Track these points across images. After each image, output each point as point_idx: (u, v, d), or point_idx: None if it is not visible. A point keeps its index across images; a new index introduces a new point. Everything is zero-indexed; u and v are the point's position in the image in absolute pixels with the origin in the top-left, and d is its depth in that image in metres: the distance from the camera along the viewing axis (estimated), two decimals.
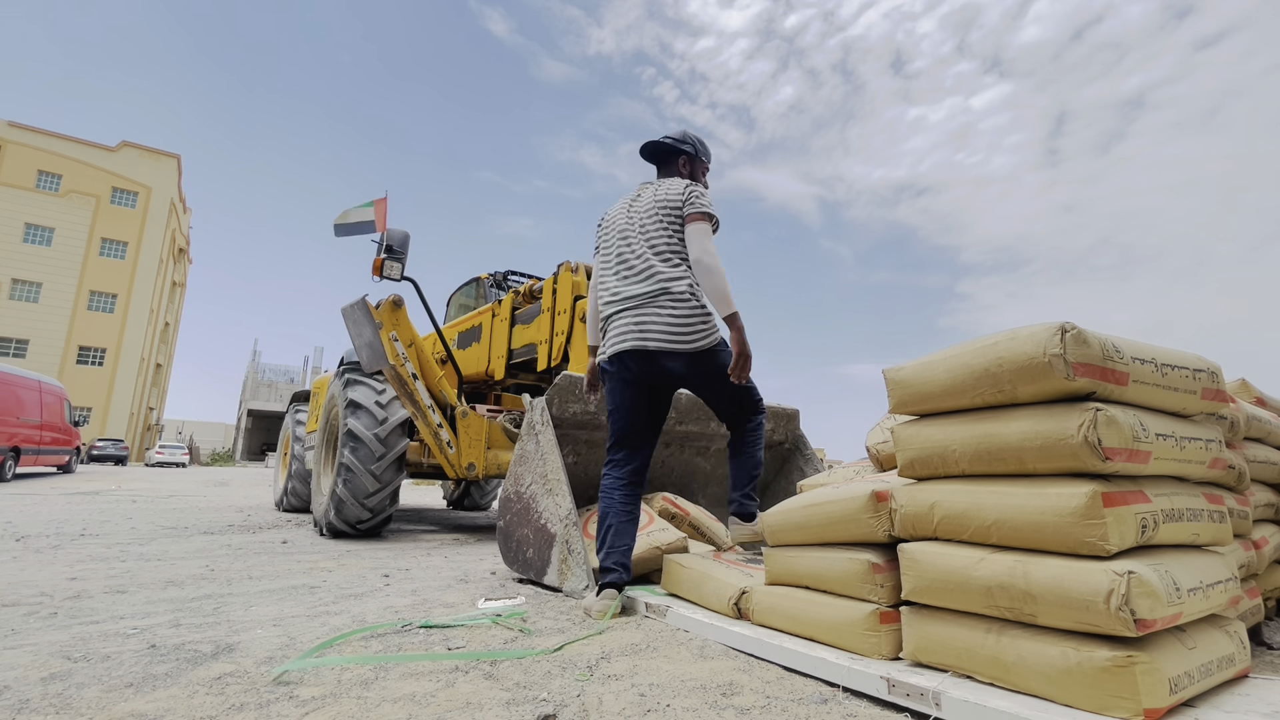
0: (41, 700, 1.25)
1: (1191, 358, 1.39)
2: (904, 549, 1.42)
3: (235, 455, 40.40)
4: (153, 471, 20.49)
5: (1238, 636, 1.29)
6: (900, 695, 1.26)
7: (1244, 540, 1.67)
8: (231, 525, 4.95)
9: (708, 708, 1.27)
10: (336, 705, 1.25)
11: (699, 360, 2.18)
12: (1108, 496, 1.14)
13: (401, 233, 4.31)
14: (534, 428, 2.66)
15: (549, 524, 2.46)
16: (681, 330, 2.16)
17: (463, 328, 5.68)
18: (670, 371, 2.21)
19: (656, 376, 2.24)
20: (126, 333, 35.15)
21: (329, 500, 4.11)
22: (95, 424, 32.84)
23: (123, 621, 1.89)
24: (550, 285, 4.58)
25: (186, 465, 28.58)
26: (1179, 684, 1.10)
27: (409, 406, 4.13)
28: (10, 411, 10.51)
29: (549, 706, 1.25)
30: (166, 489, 10.02)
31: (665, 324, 2.17)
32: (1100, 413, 1.16)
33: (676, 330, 2.16)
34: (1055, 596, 1.14)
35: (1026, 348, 1.24)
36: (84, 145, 36.07)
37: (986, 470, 1.34)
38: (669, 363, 2.18)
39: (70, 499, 7.15)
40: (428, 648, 1.65)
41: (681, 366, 2.19)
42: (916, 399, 1.49)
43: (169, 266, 40.77)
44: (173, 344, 47.17)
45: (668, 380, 2.26)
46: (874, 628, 1.46)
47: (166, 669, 1.45)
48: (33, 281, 32.99)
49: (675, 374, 2.22)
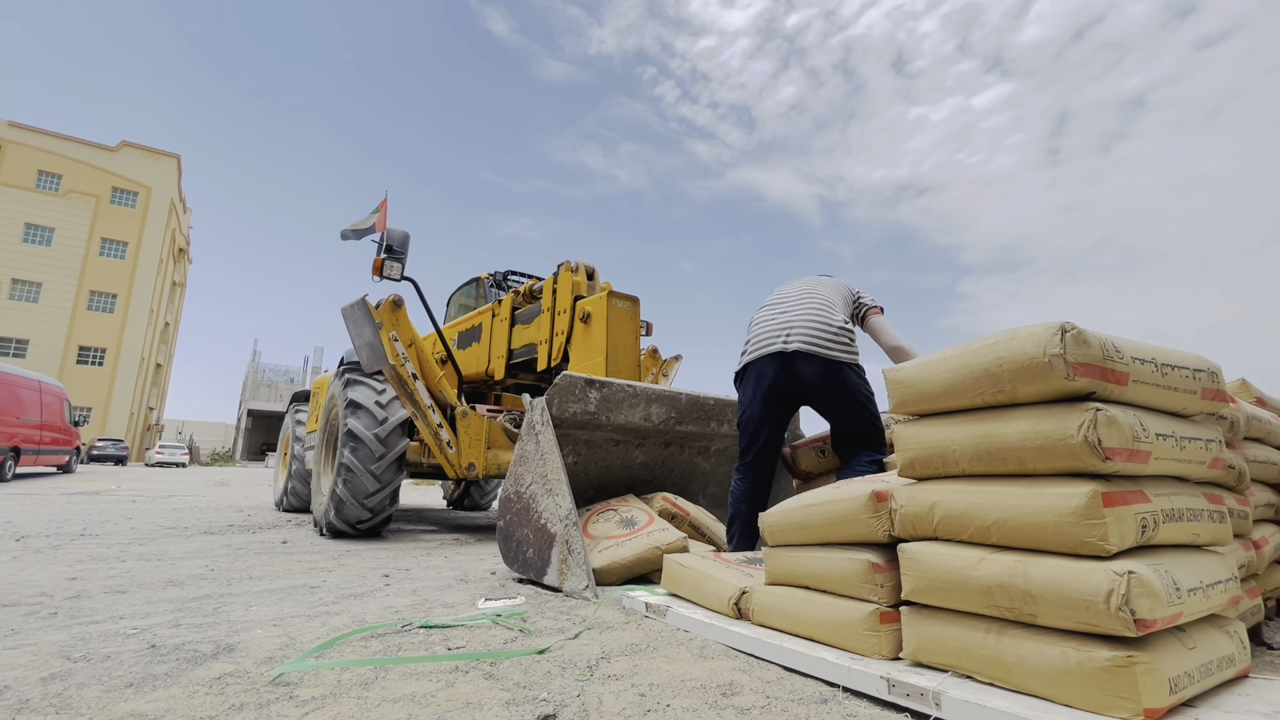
0: (41, 700, 1.25)
1: (1191, 358, 1.39)
2: (904, 549, 1.42)
3: (235, 455, 40.39)
4: (153, 471, 20.49)
5: (1238, 636, 1.29)
6: (900, 695, 1.26)
7: (1244, 540, 1.67)
8: (231, 525, 4.95)
9: (708, 708, 1.27)
10: (336, 705, 1.25)
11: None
12: (1108, 496, 1.14)
13: (401, 233, 4.31)
14: (534, 428, 2.66)
15: (549, 524, 2.46)
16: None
17: (463, 328, 5.68)
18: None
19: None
20: (126, 333, 35.14)
21: (329, 500, 4.11)
22: (95, 424, 32.82)
23: (123, 621, 1.89)
24: (550, 285, 4.58)
25: (186, 465, 28.57)
26: (1179, 684, 1.10)
27: (409, 406, 4.13)
28: (10, 411, 10.51)
29: (549, 706, 1.25)
30: (166, 489, 10.02)
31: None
32: (1100, 413, 1.16)
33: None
34: (1055, 596, 1.14)
35: (1026, 348, 1.24)
36: (84, 145, 36.06)
37: (986, 470, 1.34)
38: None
39: (70, 499, 7.15)
40: (428, 648, 1.65)
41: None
42: (916, 399, 1.49)
43: (169, 266, 40.77)
44: (173, 344, 47.17)
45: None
46: (874, 628, 1.46)
47: (166, 669, 1.45)
48: (33, 281, 32.97)
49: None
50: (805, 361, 2.34)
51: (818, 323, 2.40)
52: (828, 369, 2.32)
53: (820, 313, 2.43)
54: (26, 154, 34.03)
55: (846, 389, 2.32)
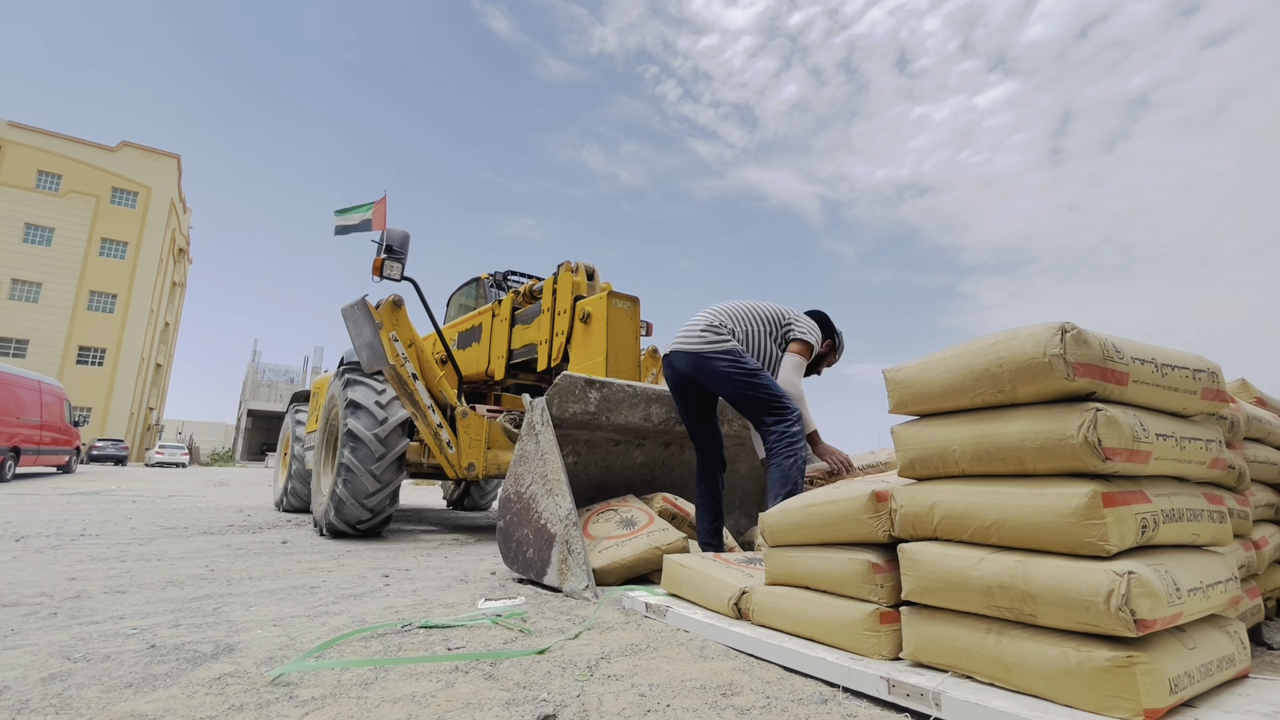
0: (41, 700, 1.25)
1: (1191, 358, 1.39)
2: (904, 549, 1.42)
3: (235, 455, 40.39)
4: (152, 472, 20.48)
5: (1238, 637, 1.29)
6: (900, 695, 1.26)
7: (1244, 540, 1.67)
8: (231, 525, 4.95)
9: (708, 708, 1.27)
10: (336, 705, 1.25)
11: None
12: (1108, 496, 1.14)
13: (401, 233, 4.31)
14: (534, 428, 2.66)
15: (549, 524, 2.46)
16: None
17: (463, 328, 5.68)
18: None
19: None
20: (126, 333, 35.14)
21: (329, 500, 4.11)
22: (95, 424, 32.82)
23: (123, 622, 1.89)
24: (550, 285, 4.58)
25: (186, 465, 28.58)
26: (1179, 684, 1.10)
27: (409, 407, 4.13)
28: (10, 411, 10.51)
29: (549, 707, 1.25)
30: (166, 489, 10.02)
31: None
32: (1100, 413, 1.16)
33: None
34: (1055, 597, 1.14)
35: (1026, 348, 1.24)
36: (84, 145, 36.06)
37: (986, 470, 1.34)
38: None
39: (70, 499, 7.15)
40: (428, 648, 1.65)
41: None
42: (916, 399, 1.49)
43: (169, 266, 40.76)
44: (173, 344, 47.16)
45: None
46: (874, 628, 1.46)
47: (166, 669, 1.45)
48: (33, 281, 32.98)
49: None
50: (679, 359, 2.66)
51: (689, 326, 2.73)
52: (695, 361, 2.61)
53: (698, 319, 2.73)
54: (26, 154, 34.04)
55: (718, 373, 2.55)
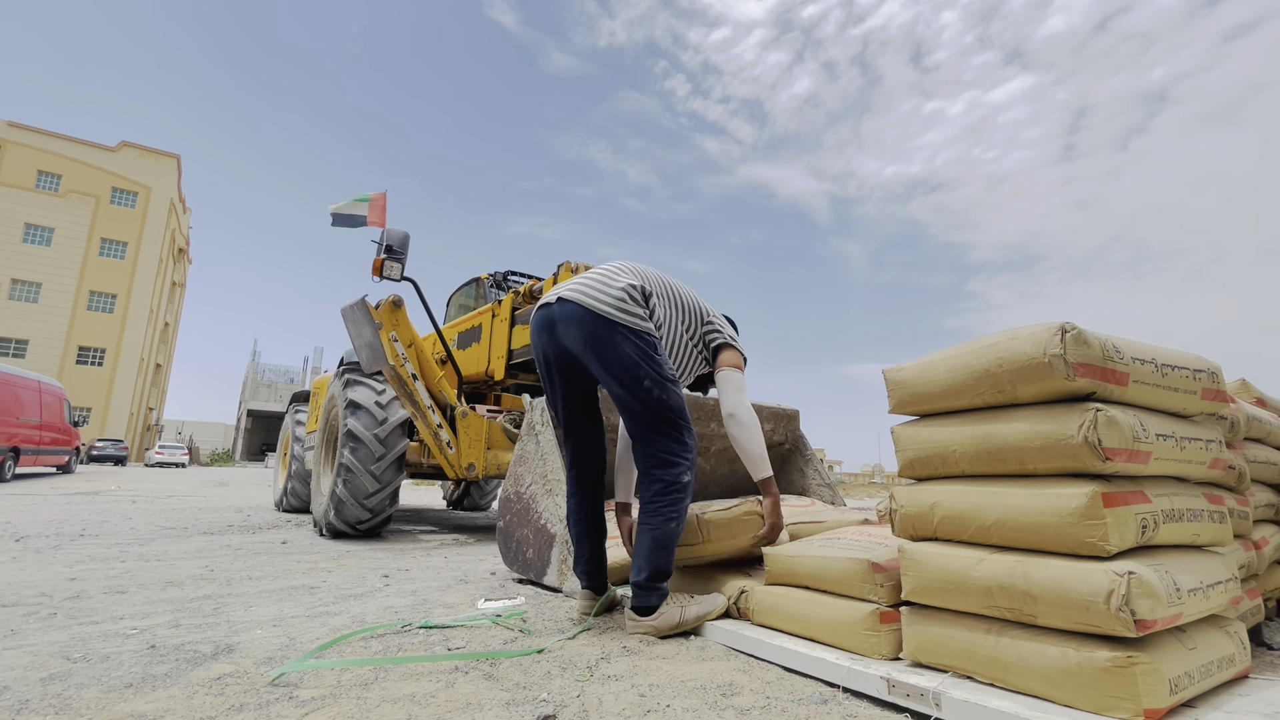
0: (41, 700, 1.25)
1: (1192, 358, 1.39)
2: (904, 549, 1.42)
3: (235, 455, 40.39)
4: (152, 472, 20.47)
5: (1238, 637, 1.29)
6: (900, 695, 1.26)
7: (1244, 540, 1.67)
8: (231, 525, 4.94)
9: (708, 708, 1.27)
10: (336, 706, 1.25)
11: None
12: (1108, 497, 1.14)
13: (401, 233, 4.31)
14: (534, 428, 2.66)
15: (549, 524, 2.46)
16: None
17: (463, 328, 5.68)
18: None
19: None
20: (126, 333, 35.13)
21: (329, 500, 4.10)
22: (95, 424, 32.82)
23: (122, 622, 1.89)
24: (550, 285, 4.58)
25: (186, 465, 28.56)
26: (1179, 684, 1.10)
27: (409, 407, 4.13)
28: (10, 411, 10.50)
29: (549, 707, 1.25)
30: (166, 489, 10.02)
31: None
32: (1100, 413, 1.16)
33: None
34: (1055, 597, 1.14)
35: (1027, 348, 1.24)
36: (84, 145, 36.06)
37: (987, 470, 1.34)
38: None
39: (70, 499, 7.15)
40: (428, 648, 1.65)
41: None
42: (917, 399, 1.49)
43: (169, 266, 40.75)
44: (172, 344, 47.15)
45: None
46: (874, 628, 1.46)
47: (166, 669, 1.45)
48: (32, 281, 32.97)
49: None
50: (569, 318, 1.83)
51: (599, 278, 1.91)
52: (597, 328, 1.78)
53: (615, 273, 1.94)
54: (26, 154, 34.04)
55: (622, 357, 1.76)
